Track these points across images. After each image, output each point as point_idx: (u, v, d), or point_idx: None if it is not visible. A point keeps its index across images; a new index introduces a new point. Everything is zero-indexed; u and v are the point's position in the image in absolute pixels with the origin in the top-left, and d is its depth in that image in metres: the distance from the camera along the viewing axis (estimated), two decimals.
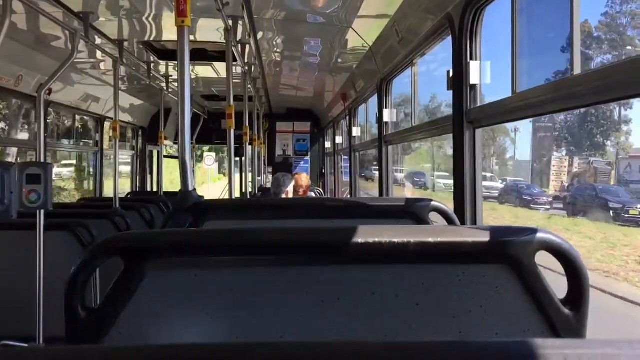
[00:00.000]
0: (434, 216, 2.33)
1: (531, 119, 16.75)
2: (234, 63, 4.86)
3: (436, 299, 1.32)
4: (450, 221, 2.27)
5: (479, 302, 1.32)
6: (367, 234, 1.29)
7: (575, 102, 1.98)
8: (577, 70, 1.97)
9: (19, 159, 8.19)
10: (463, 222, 2.73)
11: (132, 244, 1.27)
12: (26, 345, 3.54)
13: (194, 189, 2.54)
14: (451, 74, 2.93)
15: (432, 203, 2.30)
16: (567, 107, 2.15)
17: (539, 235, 1.31)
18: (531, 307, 1.32)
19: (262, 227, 1.39)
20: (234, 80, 4.62)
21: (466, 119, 2.77)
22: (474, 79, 2.77)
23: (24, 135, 9.64)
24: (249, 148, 6.45)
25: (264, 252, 1.30)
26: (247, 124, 5.70)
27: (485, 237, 1.31)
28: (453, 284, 1.32)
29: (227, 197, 4.96)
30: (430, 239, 1.29)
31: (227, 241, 1.31)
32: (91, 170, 9.06)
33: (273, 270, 1.29)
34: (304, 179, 6.12)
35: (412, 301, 1.32)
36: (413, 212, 2.26)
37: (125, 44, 5.29)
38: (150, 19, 4.54)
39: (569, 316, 1.31)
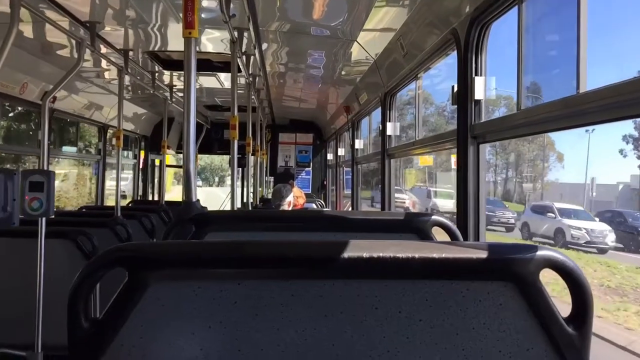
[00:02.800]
0: (436, 231, 2.33)
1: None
2: (239, 74, 4.88)
3: (439, 315, 1.31)
4: (452, 236, 2.26)
5: (482, 319, 1.31)
6: (372, 249, 1.28)
7: (582, 119, 1.98)
8: (584, 87, 1.98)
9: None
10: (465, 237, 2.72)
11: (136, 254, 1.26)
12: (24, 353, 3.53)
13: (197, 200, 2.54)
14: (456, 89, 2.94)
15: (434, 217, 2.30)
16: (574, 125, 2.14)
17: (543, 252, 1.30)
18: (535, 325, 1.31)
19: (265, 240, 1.39)
20: (238, 91, 4.63)
21: (470, 133, 2.77)
22: (478, 94, 2.77)
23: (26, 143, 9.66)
24: (251, 158, 6.45)
25: (267, 265, 1.30)
26: (250, 135, 5.71)
27: (489, 254, 1.30)
28: (456, 300, 1.31)
29: (229, 207, 4.96)
30: (435, 255, 1.29)
31: (230, 254, 1.31)
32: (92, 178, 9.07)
33: (276, 283, 1.29)
34: (297, 193, 6.12)
35: (415, 317, 1.31)
36: (415, 227, 2.26)
37: (131, 53, 5.32)
38: (155, 29, 4.57)
39: (572, 335, 1.30)
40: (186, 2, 2.36)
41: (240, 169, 9.90)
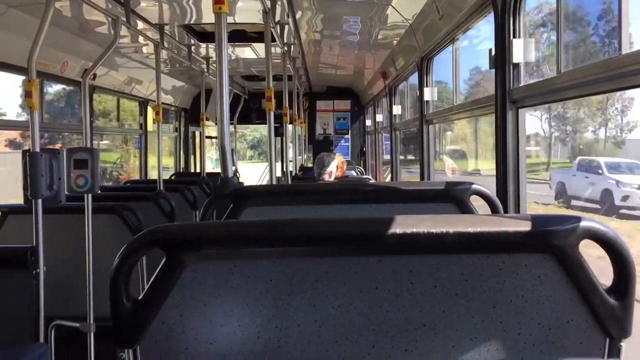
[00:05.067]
0: (476, 200, 2.30)
1: None
2: (273, 43, 4.86)
3: (476, 288, 1.30)
4: (492, 205, 2.23)
5: (520, 292, 1.30)
6: (405, 225, 1.28)
7: (625, 82, 1.90)
8: (626, 49, 1.89)
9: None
10: (505, 206, 2.68)
11: (172, 236, 1.29)
12: (77, 324, 3.67)
13: (234, 175, 2.56)
14: (493, 52, 2.85)
15: (473, 187, 2.27)
16: (617, 88, 2.06)
17: (583, 223, 1.27)
18: (575, 297, 1.29)
19: (300, 218, 1.40)
20: (274, 60, 4.62)
21: (509, 98, 2.70)
22: (517, 57, 2.69)
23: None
24: (289, 128, 6.46)
25: (301, 243, 1.31)
26: (287, 104, 5.70)
27: (526, 227, 1.28)
28: (493, 273, 1.30)
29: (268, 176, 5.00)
30: (470, 229, 1.27)
31: (265, 233, 1.32)
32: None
33: (311, 260, 1.30)
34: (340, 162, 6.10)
35: (451, 291, 1.30)
36: (454, 196, 2.23)
37: (166, 27, 5.35)
38: (190, 2, 4.57)
39: (614, 306, 1.28)
40: None
41: (279, 138, 9.94)
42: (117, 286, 1.25)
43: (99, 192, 3.81)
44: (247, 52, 7.00)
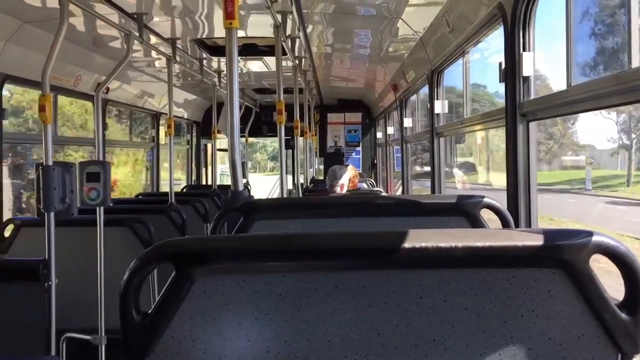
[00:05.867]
0: (487, 213, 2.29)
1: None
2: (284, 57, 4.89)
3: (486, 303, 1.30)
4: (502, 218, 2.22)
5: (531, 307, 1.29)
6: (415, 239, 1.28)
7: (636, 96, 1.89)
8: (635, 62, 1.89)
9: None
10: (517, 220, 2.67)
11: (181, 250, 1.29)
12: (89, 337, 3.69)
13: (245, 188, 2.57)
14: (503, 66, 2.86)
15: (485, 200, 2.26)
16: (628, 101, 2.05)
17: (595, 238, 1.26)
18: (586, 312, 1.28)
19: (309, 232, 1.40)
20: (285, 73, 4.64)
21: (519, 111, 2.70)
22: (527, 70, 2.69)
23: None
24: (300, 140, 6.48)
25: (311, 258, 1.31)
26: (298, 117, 5.73)
27: (536, 241, 1.28)
28: (503, 288, 1.29)
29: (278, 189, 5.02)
30: (479, 243, 1.27)
31: (274, 247, 1.33)
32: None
33: (320, 274, 1.30)
34: (353, 171, 6.12)
35: (461, 306, 1.30)
36: (464, 210, 2.23)
37: (178, 42, 5.41)
38: (202, 17, 4.62)
39: (626, 321, 1.27)
40: None
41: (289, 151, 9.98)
42: (127, 300, 1.26)
43: (111, 204, 3.84)
44: (258, 65, 7.05)
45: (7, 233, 4.30)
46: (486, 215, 2.33)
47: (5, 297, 3.11)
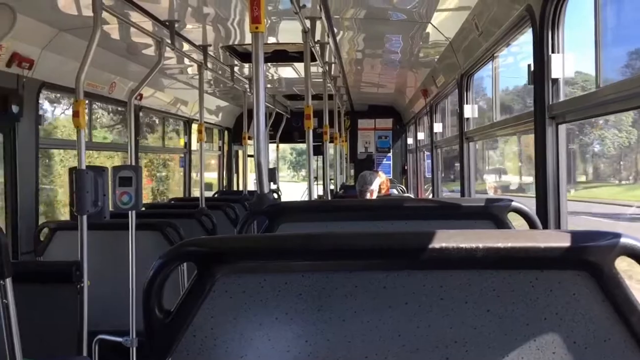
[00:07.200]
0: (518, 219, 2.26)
1: None
2: (314, 63, 4.91)
3: (508, 305, 1.28)
4: (530, 223, 2.19)
5: (554, 310, 1.27)
6: (435, 239, 1.27)
7: None
8: None
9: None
10: (545, 224, 2.62)
11: (203, 249, 1.31)
12: (120, 339, 3.75)
13: (270, 191, 2.59)
14: (532, 68, 2.82)
15: (512, 204, 2.23)
16: None
17: (622, 240, 1.24)
18: (611, 315, 1.25)
19: (329, 232, 1.40)
20: (314, 79, 4.66)
21: (548, 114, 2.66)
22: (556, 72, 2.65)
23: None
24: (330, 146, 6.49)
25: (331, 257, 1.31)
26: (327, 122, 5.75)
27: (560, 242, 1.26)
28: (525, 290, 1.27)
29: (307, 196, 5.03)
30: (500, 244, 1.25)
31: (293, 246, 1.33)
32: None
33: (340, 274, 1.30)
34: (383, 178, 6.10)
35: (482, 308, 1.28)
36: (491, 213, 2.20)
37: (209, 48, 5.48)
38: (233, 23, 4.68)
39: None
40: None
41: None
42: (150, 298, 1.28)
43: (143, 209, 3.90)
44: (288, 71, 7.10)
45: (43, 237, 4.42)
46: (516, 221, 2.30)
47: (40, 298, 3.18)
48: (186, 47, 5.24)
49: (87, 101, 4.35)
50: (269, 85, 8.13)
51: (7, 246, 2.39)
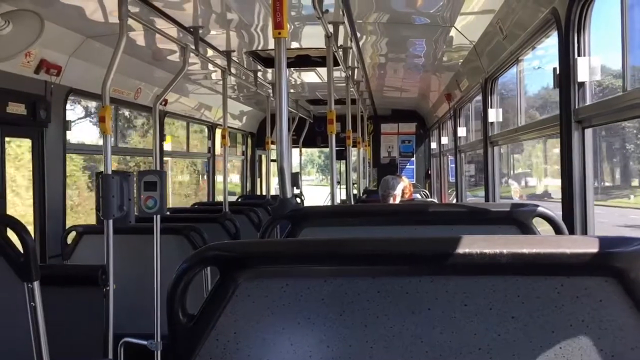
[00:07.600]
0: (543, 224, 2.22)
1: None
2: (337, 67, 4.91)
3: (533, 312, 1.26)
4: (556, 228, 2.15)
5: (580, 317, 1.25)
6: (459, 245, 1.26)
7: None
8: None
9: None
10: (572, 230, 2.59)
11: (226, 253, 1.32)
12: (145, 342, 3.79)
13: (293, 196, 2.59)
14: (557, 71, 2.79)
15: (538, 209, 2.20)
16: None
17: None
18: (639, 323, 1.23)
19: (352, 237, 1.40)
20: (337, 84, 4.66)
21: (574, 118, 2.62)
22: (582, 76, 2.62)
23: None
24: (353, 151, 6.48)
25: (353, 263, 1.31)
26: (350, 127, 5.75)
27: (586, 248, 1.24)
28: (551, 296, 1.25)
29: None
30: (525, 250, 1.24)
31: (316, 251, 1.34)
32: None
33: (363, 280, 1.30)
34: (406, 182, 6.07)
35: (507, 314, 1.27)
36: (516, 219, 2.17)
37: (233, 54, 5.52)
38: (256, 29, 4.71)
39: None
40: (275, 3, 2.42)
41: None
42: (173, 302, 1.29)
43: (167, 213, 3.94)
44: (311, 76, 7.12)
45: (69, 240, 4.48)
46: (541, 227, 2.26)
47: (67, 301, 3.23)
48: (210, 52, 5.29)
49: (112, 107, 4.41)
50: (291, 90, 8.16)
51: (35, 250, 2.43)
